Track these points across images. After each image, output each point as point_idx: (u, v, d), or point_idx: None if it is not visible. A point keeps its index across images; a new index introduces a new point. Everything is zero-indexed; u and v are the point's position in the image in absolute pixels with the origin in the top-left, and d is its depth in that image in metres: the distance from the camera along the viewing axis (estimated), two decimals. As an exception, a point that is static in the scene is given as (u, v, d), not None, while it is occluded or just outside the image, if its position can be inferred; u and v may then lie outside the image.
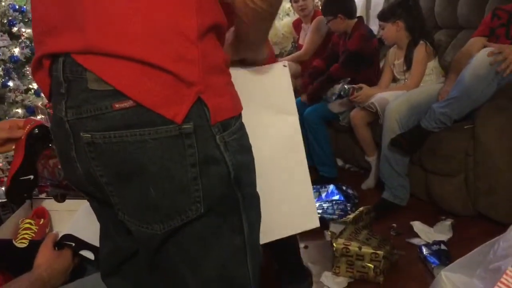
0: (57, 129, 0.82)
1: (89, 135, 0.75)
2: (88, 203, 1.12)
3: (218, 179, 0.79)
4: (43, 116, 2.09)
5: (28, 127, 1.16)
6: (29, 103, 3.02)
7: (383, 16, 2.60)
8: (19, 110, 2.99)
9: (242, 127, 0.85)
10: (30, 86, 3.08)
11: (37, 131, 1.17)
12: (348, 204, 2.32)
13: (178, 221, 0.79)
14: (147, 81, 0.72)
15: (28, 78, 3.07)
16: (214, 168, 0.78)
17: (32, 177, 1.19)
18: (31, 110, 3.00)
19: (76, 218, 1.36)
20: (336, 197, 2.35)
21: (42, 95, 2.69)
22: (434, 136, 2.19)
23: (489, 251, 1.07)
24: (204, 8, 0.76)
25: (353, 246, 1.77)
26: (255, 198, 0.89)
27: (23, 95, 3.03)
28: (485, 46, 2.19)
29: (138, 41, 0.71)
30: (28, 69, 3.06)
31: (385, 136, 2.33)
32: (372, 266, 1.74)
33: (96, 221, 1.10)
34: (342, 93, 2.63)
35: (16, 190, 1.18)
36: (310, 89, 2.87)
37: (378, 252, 1.74)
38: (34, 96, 3.07)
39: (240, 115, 0.84)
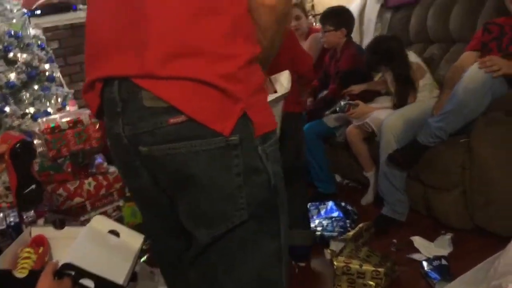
0: (117, 144, 0.93)
1: (147, 149, 0.85)
2: (86, 231, 1.15)
3: (260, 187, 0.87)
4: (39, 141, 2.10)
5: (7, 145, 1.16)
6: (26, 127, 3.02)
7: (371, 69, 2.65)
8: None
9: (277, 141, 0.93)
10: (27, 111, 3.09)
11: (18, 147, 1.17)
12: (348, 221, 2.32)
13: (223, 228, 0.87)
14: (198, 97, 0.81)
15: (25, 103, 3.09)
16: (257, 177, 0.87)
17: (34, 186, 1.20)
18: (28, 135, 3.01)
19: (75, 246, 1.35)
20: (335, 214, 2.35)
21: (39, 120, 2.71)
22: (430, 150, 2.20)
23: (490, 268, 1.07)
24: (252, 38, 0.88)
25: (354, 264, 1.77)
26: (286, 205, 0.96)
27: (20, 120, 3.04)
28: (477, 61, 2.21)
29: (196, 64, 0.80)
30: (24, 94, 3.07)
31: (382, 152, 2.34)
32: (374, 284, 1.74)
33: (96, 248, 1.22)
34: (338, 109, 2.65)
35: (25, 203, 1.20)
36: (310, 106, 2.89)
37: (379, 269, 1.74)
38: (31, 120, 3.08)
39: (275, 130, 0.93)
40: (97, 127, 2.01)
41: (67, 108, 3.23)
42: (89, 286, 1.27)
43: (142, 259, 2.07)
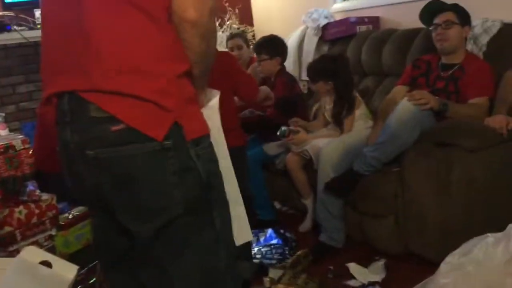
0: (63, 151, 1.06)
1: (93, 152, 0.98)
2: (16, 263, 1.13)
3: (193, 184, 1.01)
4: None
5: None
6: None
7: (313, 78, 2.70)
8: None
9: (210, 144, 1.07)
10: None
11: None
12: (286, 248, 2.35)
13: (162, 220, 1.00)
14: (135, 109, 0.95)
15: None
16: (189, 175, 1.00)
17: None
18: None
19: (5, 280, 1.28)
20: (275, 241, 2.37)
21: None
22: (365, 179, 2.29)
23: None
24: (179, 57, 1.02)
25: (291, 293, 1.79)
26: (225, 200, 1.11)
27: None
28: (407, 94, 2.34)
29: (129, 81, 0.95)
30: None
31: (320, 180, 2.40)
32: None
33: (30, 281, 1.27)
34: (278, 133, 2.69)
35: None
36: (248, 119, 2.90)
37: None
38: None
39: (208, 135, 1.07)
40: (30, 152, 1.93)
41: (-3, 131, 3.08)
42: None
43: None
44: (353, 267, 2.19)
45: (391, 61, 2.97)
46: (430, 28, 2.50)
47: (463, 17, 2.40)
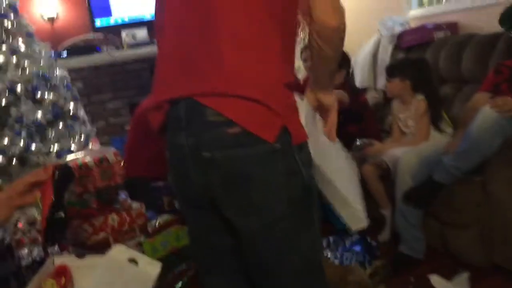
0: (177, 154, 1.13)
1: (209, 153, 1.05)
2: (106, 261, 1.24)
3: (297, 186, 1.09)
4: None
5: (51, 168, 1.24)
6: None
7: (391, 72, 2.70)
8: (41, 172, 3.09)
9: (309, 149, 1.14)
10: (51, 148, 3.20)
11: (60, 170, 1.24)
12: (367, 256, 2.33)
13: (270, 218, 1.07)
14: (250, 112, 1.03)
15: (50, 141, 3.20)
16: (295, 178, 1.08)
17: (63, 214, 1.25)
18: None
19: (97, 277, 1.39)
20: (358, 248, 2.37)
21: (63, 156, 2.80)
22: (446, 188, 2.24)
23: None
24: (288, 68, 1.11)
25: (372, 302, 1.80)
26: (317, 202, 1.18)
27: (45, 157, 3.14)
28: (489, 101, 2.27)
29: (245, 85, 1.03)
30: (49, 132, 3.18)
31: (398, 189, 2.38)
32: None
33: (118, 277, 1.36)
34: (353, 147, 2.70)
35: (51, 228, 1.25)
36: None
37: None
38: (55, 158, 3.18)
39: (307, 142, 1.14)
40: (121, 164, 2.09)
41: (90, 145, 3.34)
42: None
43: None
44: (435, 279, 2.14)
45: (471, 67, 2.87)
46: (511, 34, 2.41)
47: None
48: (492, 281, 2.08)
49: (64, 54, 3.87)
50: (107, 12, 4.14)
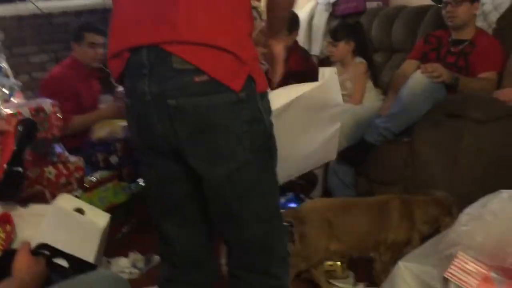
0: (138, 101, 1.12)
1: (175, 101, 1.05)
2: (53, 209, 1.22)
3: (260, 133, 1.14)
4: None
5: (15, 120, 1.19)
6: None
7: (337, 35, 2.79)
8: None
9: (268, 98, 1.18)
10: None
11: (23, 123, 1.20)
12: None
13: (234, 164, 1.11)
14: (218, 61, 1.04)
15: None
16: (257, 125, 1.12)
17: (21, 169, 1.21)
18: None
19: (46, 225, 1.36)
20: (293, 205, 2.48)
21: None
22: (377, 148, 2.38)
23: (440, 242, 1.22)
24: (250, 17, 1.13)
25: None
26: (276, 148, 1.22)
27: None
28: (419, 67, 2.43)
29: (214, 34, 1.04)
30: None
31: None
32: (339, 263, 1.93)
33: (65, 227, 1.34)
34: None
35: (9, 182, 1.20)
36: None
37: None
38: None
39: (267, 92, 1.18)
40: (58, 115, 2.01)
41: (13, 99, 3.15)
42: (63, 265, 1.31)
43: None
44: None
45: (401, 37, 3.04)
46: (441, 6, 2.57)
47: (473, -6, 2.47)
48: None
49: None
50: (32, -42, 3.85)
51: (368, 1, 3.41)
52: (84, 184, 2.20)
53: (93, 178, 2.30)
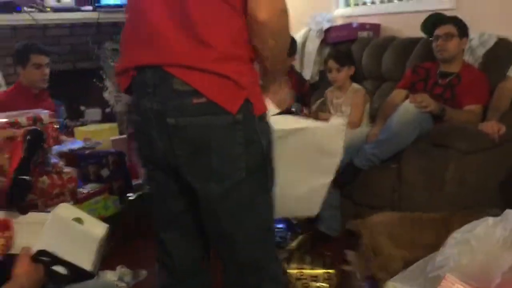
0: (140, 116, 1.20)
1: (174, 120, 1.12)
2: (53, 217, 1.32)
3: (256, 154, 1.18)
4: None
5: (24, 129, 1.23)
6: None
7: (342, 60, 2.88)
8: None
9: (268, 120, 1.23)
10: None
11: (31, 133, 1.23)
12: (289, 233, 2.48)
13: (228, 184, 1.16)
14: (216, 85, 1.10)
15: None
16: (254, 146, 1.17)
17: (28, 178, 1.23)
18: None
19: (46, 232, 1.38)
20: (280, 226, 2.51)
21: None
22: (364, 173, 2.45)
23: (427, 264, 1.27)
24: (249, 47, 1.16)
25: (306, 269, 1.95)
26: (274, 169, 1.27)
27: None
28: (407, 97, 2.52)
29: (213, 60, 1.10)
30: None
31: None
32: (328, 285, 1.95)
33: (65, 235, 1.34)
34: (293, 109, 2.80)
35: (17, 190, 1.22)
36: None
37: (329, 270, 1.93)
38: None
39: (266, 114, 1.22)
40: (55, 126, 2.04)
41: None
42: (61, 272, 1.32)
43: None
44: (350, 254, 2.33)
45: (391, 67, 3.14)
46: (431, 39, 2.68)
47: (462, 29, 2.58)
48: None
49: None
50: (31, -30, 3.90)
51: (359, 31, 3.51)
52: (77, 196, 2.21)
53: (84, 190, 2.31)
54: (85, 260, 1.36)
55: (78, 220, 1.50)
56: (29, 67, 2.77)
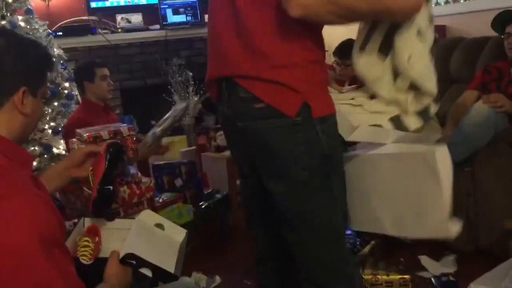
0: (223, 122, 1.40)
1: (242, 124, 1.26)
2: (137, 223, 1.43)
3: (316, 154, 1.23)
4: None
5: (106, 143, 1.32)
6: (46, 141, 3.15)
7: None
8: (36, 148, 3.11)
9: (335, 123, 1.28)
10: (47, 126, 3.22)
11: (113, 145, 1.33)
12: (358, 239, 2.46)
13: (290, 182, 1.25)
14: (273, 91, 1.20)
15: (46, 118, 3.22)
16: (314, 147, 1.23)
17: (112, 188, 1.32)
18: (47, 148, 3.13)
19: (132, 237, 1.46)
20: (349, 232, 2.50)
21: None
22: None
23: (509, 268, 1.24)
24: (310, 46, 1.23)
25: (381, 275, 1.93)
26: (342, 172, 1.33)
27: (40, 133, 3.16)
28: (478, 98, 2.44)
29: (270, 70, 1.20)
30: (46, 109, 3.19)
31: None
32: None
33: (148, 240, 1.43)
34: None
35: (102, 200, 1.31)
36: None
37: (405, 276, 1.90)
38: (51, 135, 3.20)
39: (334, 115, 1.28)
40: (134, 138, 2.15)
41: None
42: (147, 274, 1.40)
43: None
44: (424, 259, 2.29)
45: (459, 68, 3.05)
46: (502, 37, 2.59)
47: (535, 26, 2.48)
48: (477, 264, 2.23)
49: (59, 34, 3.86)
50: (103, -6, 4.15)
51: (424, 33, 3.44)
52: (155, 204, 2.32)
53: (160, 199, 2.42)
54: (168, 263, 1.43)
55: (160, 226, 1.58)
56: (97, 80, 2.92)
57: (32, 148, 3.09)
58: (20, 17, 3.23)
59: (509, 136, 2.23)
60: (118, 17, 4.19)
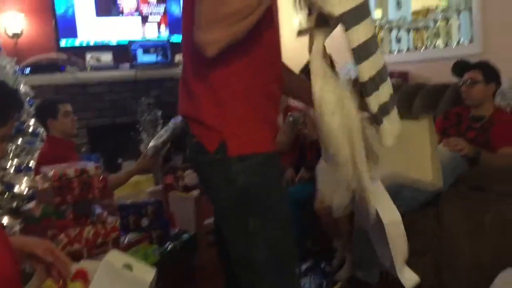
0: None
1: (189, 156, 1.41)
2: (104, 265, 1.38)
3: (232, 193, 1.30)
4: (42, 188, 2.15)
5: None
6: (8, 179, 3.07)
7: None
8: (-1, 185, 3.02)
9: (262, 162, 1.30)
10: (9, 163, 3.14)
11: None
12: (325, 280, 2.47)
13: (221, 212, 1.38)
14: (201, 129, 1.32)
15: (9, 156, 3.14)
16: (230, 185, 1.29)
17: None
18: (8, 186, 3.05)
19: (97, 281, 1.42)
20: (315, 274, 2.50)
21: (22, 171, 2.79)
22: (404, 218, 2.43)
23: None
24: (232, 83, 1.30)
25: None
26: (266, 208, 1.32)
27: (2, 171, 3.08)
28: (439, 143, 2.53)
29: (194, 109, 1.34)
30: (10, 147, 3.12)
31: (358, 218, 2.54)
32: None
33: (116, 282, 1.38)
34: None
35: None
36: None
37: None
38: (13, 173, 3.12)
39: (260, 154, 1.30)
40: (100, 178, 2.12)
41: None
42: None
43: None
44: (391, 301, 2.29)
45: (421, 113, 3.17)
46: (459, 84, 2.72)
47: (489, 74, 2.60)
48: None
49: (27, 71, 3.83)
50: (73, 33, 4.16)
51: (388, 78, 3.57)
52: (120, 245, 2.26)
53: (125, 240, 2.36)
54: None
55: (128, 266, 1.54)
56: (60, 116, 2.89)
57: (-7, 185, 3.00)
58: (-14, 53, 3.20)
59: (469, 179, 2.30)
60: (88, 56, 4.18)
